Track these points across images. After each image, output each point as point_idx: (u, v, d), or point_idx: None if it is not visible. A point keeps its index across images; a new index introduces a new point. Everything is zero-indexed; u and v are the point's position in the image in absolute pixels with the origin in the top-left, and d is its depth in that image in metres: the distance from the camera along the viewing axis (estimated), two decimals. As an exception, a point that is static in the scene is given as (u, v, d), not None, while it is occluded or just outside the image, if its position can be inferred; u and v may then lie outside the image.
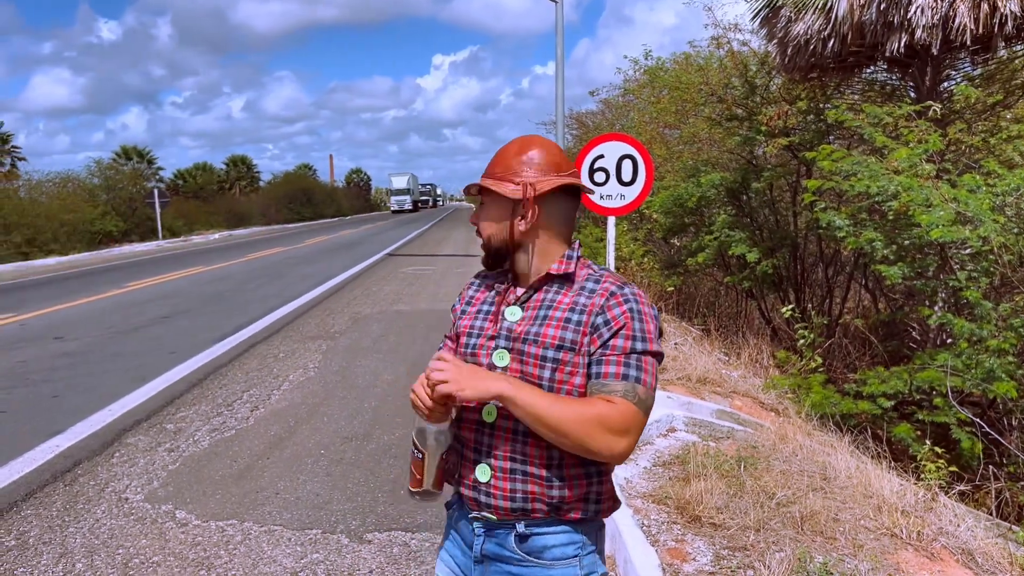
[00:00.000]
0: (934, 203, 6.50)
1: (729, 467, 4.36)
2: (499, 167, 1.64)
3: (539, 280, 1.66)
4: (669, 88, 14.13)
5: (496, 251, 1.67)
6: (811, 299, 11.72)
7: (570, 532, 1.61)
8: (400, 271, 16.95)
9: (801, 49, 9.08)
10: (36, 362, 7.92)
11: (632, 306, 1.56)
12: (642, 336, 1.53)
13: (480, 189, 1.67)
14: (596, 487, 1.61)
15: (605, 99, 21.79)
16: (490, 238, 1.67)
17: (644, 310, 1.56)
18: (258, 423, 5.72)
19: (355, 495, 4.33)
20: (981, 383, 5.93)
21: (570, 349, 1.56)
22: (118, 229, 31.39)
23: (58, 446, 5.19)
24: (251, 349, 8.36)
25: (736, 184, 11.66)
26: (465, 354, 1.69)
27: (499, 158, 1.65)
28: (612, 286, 1.59)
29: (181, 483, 4.53)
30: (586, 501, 1.60)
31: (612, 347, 1.53)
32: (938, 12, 7.69)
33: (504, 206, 1.63)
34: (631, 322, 1.54)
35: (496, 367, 1.61)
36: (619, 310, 1.55)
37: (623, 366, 1.51)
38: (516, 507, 1.60)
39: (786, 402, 6.98)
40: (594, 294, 1.59)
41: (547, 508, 1.59)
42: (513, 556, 1.62)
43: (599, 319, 1.55)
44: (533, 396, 1.49)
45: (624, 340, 1.53)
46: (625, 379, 1.50)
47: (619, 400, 1.48)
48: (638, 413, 1.49)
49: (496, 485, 1.61)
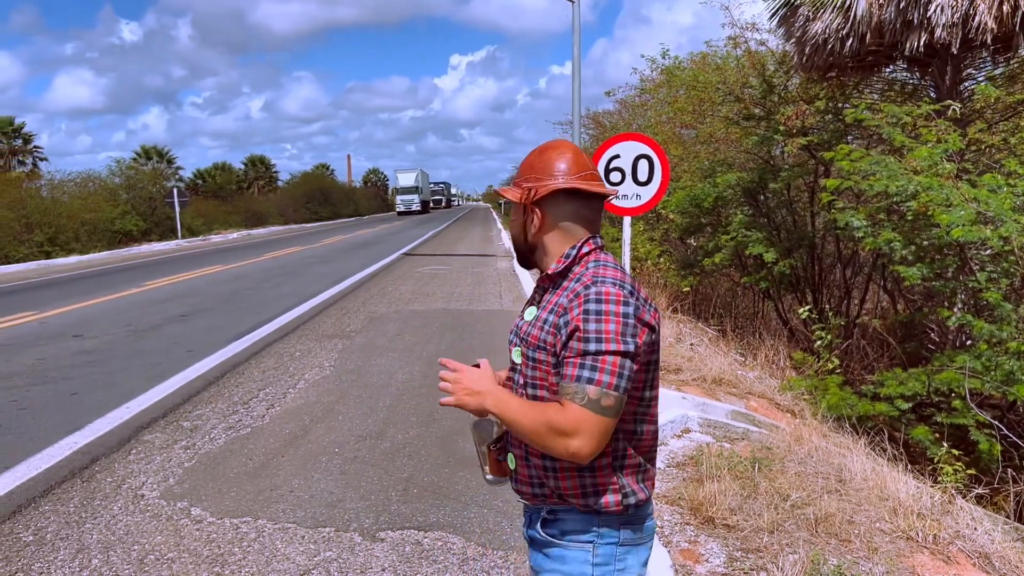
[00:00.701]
0: (954, 203, 6.43)
1: (743, 468, 4.34)
2: (518, 173, 1.76)
3: (542, 280, 1.76)
4: (686, 87, 14.08)
5: (519, 251, 1.80)
6: (829, 300, 11.65)
7: (585, 519, 1.67)
8: (416, 270, 16.99)
9: (819, 48, 9.03)
10: (55, 360, 8.01)
11: (589, 307, 1.56)
12: (596, 336, 1.53)
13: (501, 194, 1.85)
14: (590, 478, 1.64)
15: (622, 99, 21.77)
16: (514, 239, 1.80)
17: (605, 308, 1.55)
18: (273, 421, 5.75)
19: (368, 493, 4.34)
20: (1001, 385, 5.86)
21: (543, 349, 1.64)
22: (138, 228, 31.70)
23: (76, 443, 5.24)
24: (268, 348, 8.41)
25: (753, 184, 11.60)
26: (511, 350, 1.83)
27: (522, 164, 1.76)
28: (580, 285, 1.62)
29: (196, 480, 4.57)
30: (583, 492, 1.65)
31: (570, 349, 1.56)
32: (958, 10, 7.62)
33: (519, 209, 1.75)
34: (583, 323, 1.55)
35: (515, 364, 1.76)
36: (577, 311, 1.57)
37: (577, 367, 1.54)
38: (536, 492, 1.72)
39: (802, 403, 6.94)
40: (567, 294, 1.64)
41: (555, 495, 1.68)
42: (541, 539, 1.73)
43: (561, 320, 1.60)
44: (509, 408, 1.61)
45: (577, 342, 1.55)
46: (577, 380, 1.53)
47: (566, 403, 1.53)
48: (586, 413, 1.51)
49: (519, 472, 1.76)
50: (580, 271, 1.67)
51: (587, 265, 1.68)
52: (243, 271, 17.54)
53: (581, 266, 1.68)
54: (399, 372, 7.23)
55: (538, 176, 1.70)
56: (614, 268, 1.66)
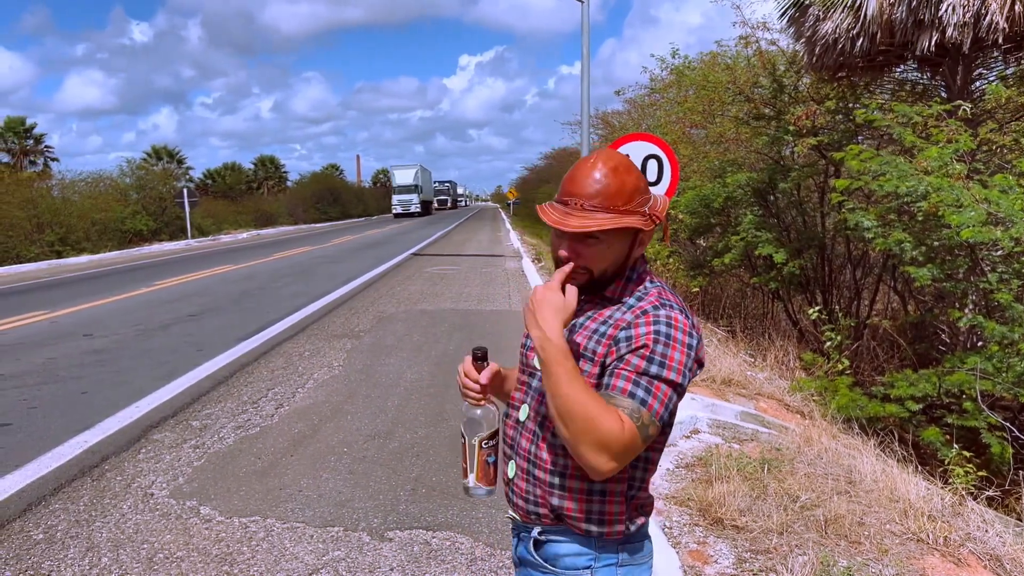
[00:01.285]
0: (965, 203, 6.40)
1: (752, 469, 4.32)
2: (622, 197, 1.51)
3: (592, 298, 1.61)
4: (696, 87, 14.04)
5: (605, 282, 1.58)
6: (839, 301, 11.60)
7: (580, 544, 1.57)
8: (424, 270, 17.01)
9: (829, 48, 8.99)
10: (66, 359, 8.05)
11: (660, 328, 1.46)
12: (660, 360, 1.43)
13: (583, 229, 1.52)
14: (598, 505, 1.54)
15: (631, 98, 21.73)
16: (606, 271, 1.55)
17: (676, 336, 1.45)
18: (282, 421, 5.76)
19: (377, 493, 4.35)
20: (1012, 387, 5.82)
21: (588, 359, 1.52)
22: (148, 228, 31.84)
23: (86, 441, 5.26)
24: (277, 347, 8.43)
25: (763, 184, 11.56)
26: (522, 354, 1.71)
27: (618, 187, 1.51)
28: (648, 305, 1.51)
29: (206, 479, 4.58)
30: (588, 518, 1.55)
31: (627, 362, 1.44)
32: (969, 10, 7.57)
33: (626, 239, 1.54)
34: (652, 343, 1.44)
35: (536, 370, 1.59)
36: (645, 329, 1.46)
37: (631, 383, 1.42)
38: (531, 510, 1.61)
39: (812, 404, 6.91)
40: (629, 310, 1.53)
41: (552, 515, 1.58)
42: (533, 561, 1.63)
43: (622, 333, 1.48)
44: (559, 368, 1.42)
45: (639, 359, 1.44)
46: (632, 397, 1.41)
47: (627, 420, 1.39)
48: (636, 439, 1.39)
49: (517, 484, 1.64)
50: (636, 289, 1.57)
51: (644, 284, 1.59)
52: (253, 271, 17.60)
53: (637, 285, 1.58)
54: (408, 372, 7.23)
55: (646, 196, 1.55)
56: (673, 294, 1.58)
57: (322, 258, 21.09)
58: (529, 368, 1.66)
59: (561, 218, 1.51)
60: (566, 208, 1.52)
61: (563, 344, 1.45)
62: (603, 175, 1.51)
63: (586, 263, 1.53)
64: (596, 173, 1.51)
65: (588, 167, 1.53)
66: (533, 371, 1.64)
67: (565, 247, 1.54)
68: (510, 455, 1.68)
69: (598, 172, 1.51)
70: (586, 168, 1.53)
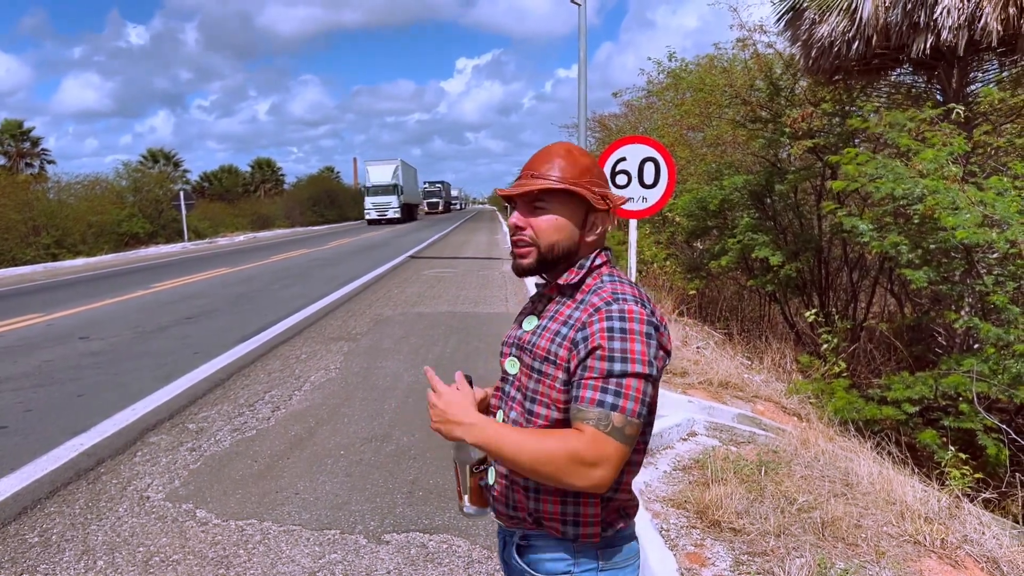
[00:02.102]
0: (961, 206, 6.41)
1: (750, 472, 4.33)
2: (572, 171, 1.58)
3: (551, 290, 1.65)
4: (693, 90, 14.07)
5: (555, 260, 1.61)
6: (835, 303, 11.61)
7: (560, 549, 1.58)
8: (422, 273, 17.00)
9: (825, 51, 9.01)
10: (62, 361, 8.03)
11: (613, 324, 1.46)
12: (621, 356, 1.43)
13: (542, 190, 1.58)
14: (572, 507, 1.55)
15: (628, 101, 21.77)
16: (554, 246, 1.59)
17: (631, 327, 1.46)
18: (279, 423, 5.75)
19: (374, 496, 4.34)
20: (1008, 389, 5.83)
21: (552, 362, 1.53)
22: (144, 231, 31.80)
23: (82, 444, 5.25)
24: (274, 350, 8.42)
25: (760, 187, 11.58)
26: (501, 362, 1.73)
27: (570, 162, 1.59)
28: (601, 301, 1.51)
29: (202, 482, 4.57)
30: (563, 520, 1.56)
31: (589, 368, 1.45)
32: (963, 13, 7.59)
33: (576, 213, 1.59)
34: (607, 341, 1.44)
35: (508, 374, 1.66)
36: (598, 326, 1.47)
37: (599, 391, 1.42)
38: (512, 515, 1.63)
39: (808, 407, 6.92)
40: (584, 307, 1.53)
41: (531, 520, 1.59)
42: (517, 566, 1.65)
43: (579, 335, 1.49)
44: (500, 439, 1.45)
45: (600, 361, 1.44)
46: (600, 405, 1.41)
47: (589, 429, 1.40)
48: (610, 442, 1.39)
49: (496, 490, 1.66)
50: (594, 283, 1.58)
51: (601, 278, 1.59)
52: (249, 273, 17.58)
53: (594, 278, 1.60)
54: (405, 374, 7.23)
55: (602, 183, 1.61)
56: (631, 286, 1.58)
57: (319, 261, 21.07)
58: (503, 374, 1.70)
59: (513, 189, 1.60)
60: (521, 180, 1.61)
61: (486, 423, 1.50)
62: (558, 153, 1.61)
63: (534, 233, 1.59)
64: (552, 152, 1.62)
65: (546, 149, 1.64)
66: (506, 376, 1.68)
67: (515, 215, 1.61)
68: (489, 461, 1.69)
69: (553, 151, 1.62)
70: (544, 149, 1.64)
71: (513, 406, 1.63)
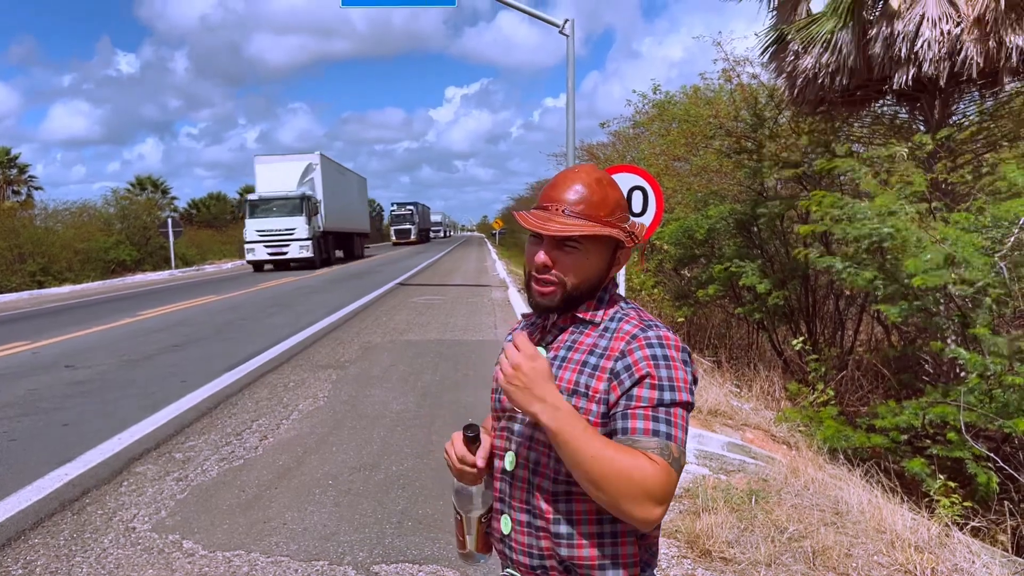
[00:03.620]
0: (924, 245, 6.48)
1: (740, 501, 4.32)
2: (604, 208, 1.48)
3: (565, 321, 1.56)
4: (678, 121, 14.23)
5: (579, 297, 1.51)
6: (823, 331, 11.67)
7: None
8: (410, 300, 16.99)
9: (810, 82, 9.14)
10: (48, 390, 7.96)
11: (656, 351, 1.40)
12: (670, 384, 1.37)
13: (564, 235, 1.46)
14: (610, 549, 1.45)
15: (615, 131, 21.99)
16: (580, 284, 1.49)
17: (671, 354, 1.41)
18: (267, 453, 5.71)
19: (363, 526, 4.31)
20: (995, 418, 5.87)
21: (583, 395, 1.43)
22: (132, 258, 31.70)
23: (67, 474, 5.19)
24: (261, 378, 8.37)
25: (746, 216, 11.68)
26: (495, 399, 1.62)
27: (601, 197, 1.49)
28: (635, 328, 1.45)
29: (188, 513, 4.52)
30: (601, 566, 1.45)
31: (637, 398, 1.37)
32: (944, 45, 7.74)
33: (606, 252, 1.51)
34: (655, 370, 1.38)
35: (518, 412, 1.52)
36: (641, 354, 1.40)
37: (652, 420, 1.35)
38: (534, 564, 1.51)
39: (798, 435, 6.93)
40: (614, 336, 1.46)
41: (560, 567, 1.47)
42: None
43: (619, 364, 1.41)
44: (581, 439, 1.34)
45: (649, 390, 1.37)
46: (656, 435, 1.34)
47: (660, 460, 1.32)
48: (673, 475, 1.33)
49: (515, 539, 1.53)
50: (612, 311, 1.52)
51: (619, 305, 1.54)
52: (237, 301, 17.51)
53: (610, 307, 1.53)
54: (393, 403, 7.20)
55: (627, 215, 1.53)
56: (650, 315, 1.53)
57: (307, 288, 21.02)
58: (508, 412, 1.57)
59: (541, 222, 1.46)
60: (546, 213, 1.48)
61: (570, 408, 1.39)
62: (587, 184, 1.48)
63: (562, 272, 1.48)
64: (580, 182, 1.49)
65: (572, 175, 1.51)
66: (512, 414, 1.56)
67: (543, 253, 1.48)
68: (502, 508, 1.57)
69: (582, 181, 1.49)
70: (570, 176, 1.51)
71: (532, 446, 1.51)
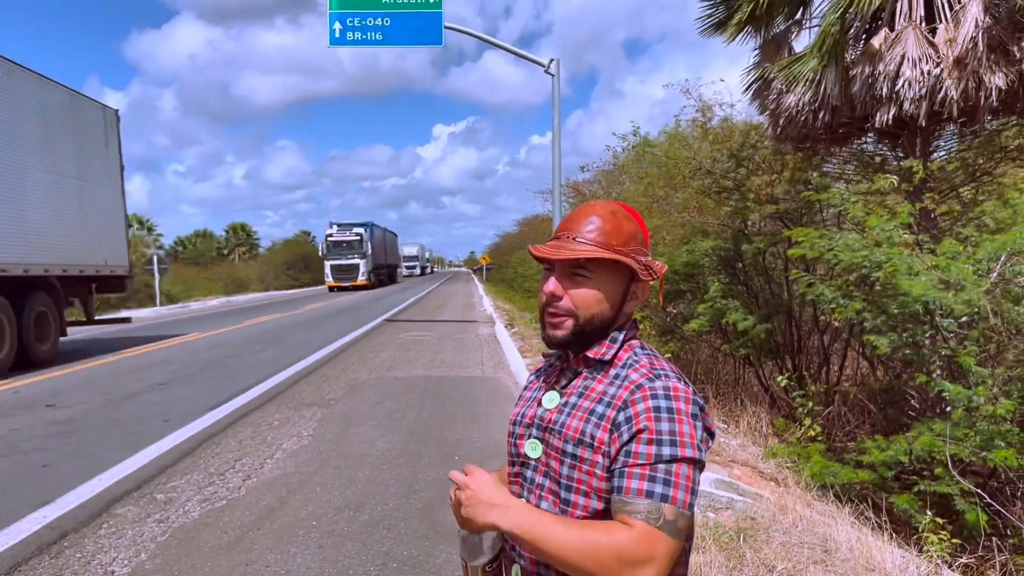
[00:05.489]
0: (917, 270, 6.55)
1: (728, 539, 4.29)
2: (618, 237, 1.46)
3: (577, 362, 1.51)
4: (656, 165, 14.42)
5: (591, 332, 1.47)
6: (808, 366, 11.69)
7: None
8: (398, 336, 16.93)
9: (793, 120, 9.26)
10: (28, 430, 7.84)
11: (659, 403, 1.34)
12: (670, 439, 1.31)
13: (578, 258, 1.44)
14: None
15: (599, 167, 22.24)
16: (593, 318, 1.46)
17: (677, 407, 1.34)
18: (250, 493, 5.63)
19: (346, 568, 4.24)
20: (979, 451, 5.87)
21: (588, 445, 1.39)
22: (116, 296, 31.44)
23: (45, 517, 5.10)
24: (245, 417, 8.29)
25: (729, 252, 11.76)
26: (510, 443, 1.58)
27: (615, 226, 1.46)
28: (642, 377, 1.39)
29: (169, 555, 4.44)
30: None
31: (635, 454, 1.32)
32: (925, 85, 7.87)
33: (619, 283, 1.47)
34: (654, 423, 1.32)
35: (530, 459, 1.50)
36: (643, 406, 1.35)
37: (647, 480, 1.30)
38: None
39: (786, 471, 6.90)
40: (623, 384, 1.41)
41: None
42: None
43: (621, 415, 1.36)
44: (539, 527, 1.31)
45: (647, 445, 1.31)
46: (649, 496, 1.29)
47: (638, 524, 1.27)
48: (662, 538, 1.27)
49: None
50: (625, 356, 1.47)
51: (633, 350, 1.48)
52: (223, 339, 17.40)
53: (626, 350, 1.48)
54: (379, 441, 7.13)
55: (644, 250, 1.50)
56: (667, 361, 1.47)
57: (293, 325, 20.92)
58: (521, 458, 1.54)
59: (552, 251, 1.45)
60: (559, 242, 1.47)
61: (522, 504, 1.38)
62: (601, 215, 1.48)
63: (572, 303, 1.45)
64: (595, 212, 1.48)
65: (588, 207, 1.51)
66: (526, 460, 1.52)
67: (553, 280, 1.46)
68: (513, 557, 1.51)
69: (596, 212, 1.49)
70: (586, 208, 1.51)
71: (542, 495, 1.47)
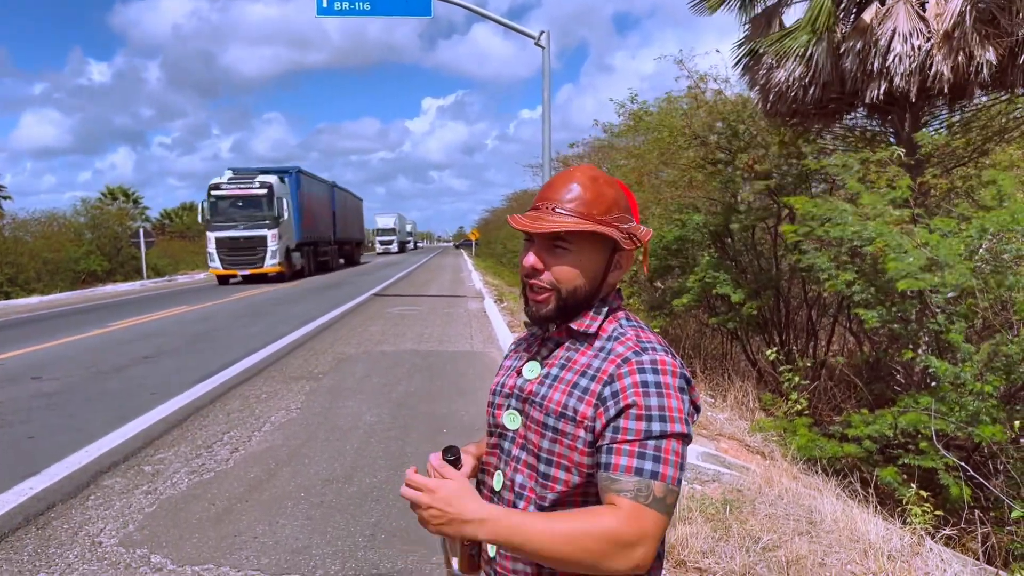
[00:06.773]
0: (907, 248, 6.55)
1: (715, 511, 4.32)
2: (599, 205, 1.39)
3: (560, 333, 1.47)
4: (651, 131, 14.30)
5: (575, 305, 1.42)
6: (796, 341, 11.75)
7: None
8: (386, 311, 16.90)
9: (783, 95, 9.22)
10: (13, 403, 7.80)
11: (647, 377, 1.30)
12: (660, 415, 1.27)
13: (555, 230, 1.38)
14: None
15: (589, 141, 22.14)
16: (576, 290, 1.41)
17: (665, 381, 1.30)
18: (238, 465, 5.63)
19: (335, 539, 4.25)
20: (964, 426, 5.92)
21: (571, 419, 1.34)
22: (102, 268, 31.26)
23: (32, 488, 5.08)
24: (233, 390, 8.27)
25: (719, 227, 11.76)
26: (489, 413, 1.53)
27: (596, 194, 1.40)
28: (628, 350, 1.35)
29: (157, 527, 4.44)
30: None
31: (623, 430, 1.27)
32: (915, 60, 7.85)
33: (601, 254, 1.42)
34: (642, 398, 1.28)
35: (508, 430, 1.46)
36: (630, 380, 1.30)
37: (636, 457, 1.26)
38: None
39: (772, 445, 6.96)
40: (608, 356, 1.36)
41: None
42: None
43: (607, 390, 1.32)
44: (522, 532, 1.24)
45: (636, 421, 1.27)
46: (639, 474, 1.25)
47: (626, 503, 1.23)
48: (652, 515, 1.23)
49: (500, 563, 1.44)
50: (611, 327, 1.43)
51: (619, 321, 1.44)
52: (210, 312, 17.32)
53: (610, 321, 1.44)
54: (367, 414, 7.13)
55: (627, 216, 1.43)
56: (654, 332, 1.42)
57: (282, 299, 20.85)
58: (499, 428, 1.50)
59: (530, 222, 1.39)
60: (538, 212, 1.41)
61: (497, 510, 1.29)
62: (581, 183, 1.41)
63: (553, 277, 1.40)
64: (574, 180, 1.41)
65: (567, 174, 1.44)
66: (504, 431, 1.48)
67: (532, 255, 1.41)
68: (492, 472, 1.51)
69: (576, 179, 1.41)
70: (565, 175, 1.44)
71: (518, 468, 1.43)
